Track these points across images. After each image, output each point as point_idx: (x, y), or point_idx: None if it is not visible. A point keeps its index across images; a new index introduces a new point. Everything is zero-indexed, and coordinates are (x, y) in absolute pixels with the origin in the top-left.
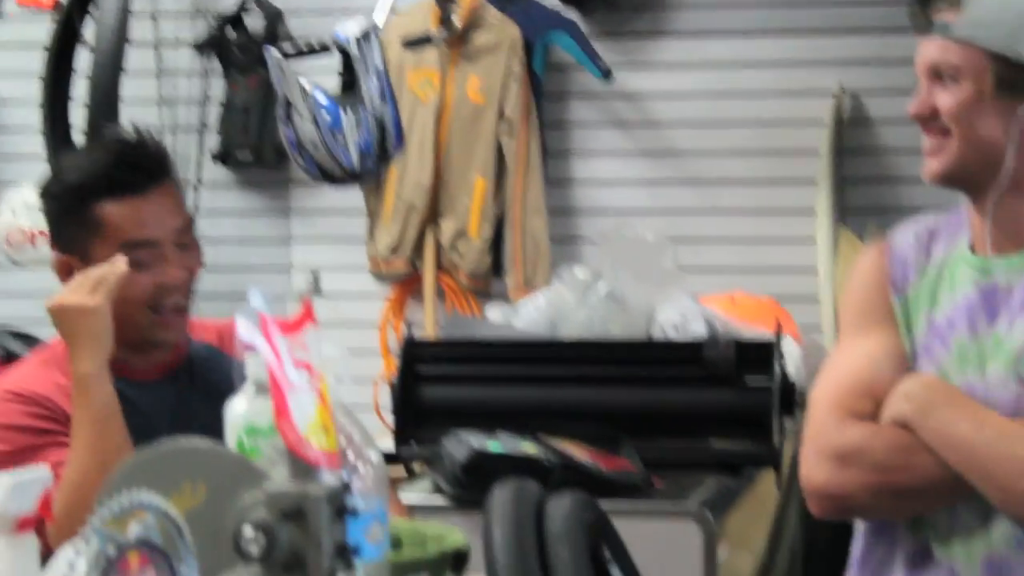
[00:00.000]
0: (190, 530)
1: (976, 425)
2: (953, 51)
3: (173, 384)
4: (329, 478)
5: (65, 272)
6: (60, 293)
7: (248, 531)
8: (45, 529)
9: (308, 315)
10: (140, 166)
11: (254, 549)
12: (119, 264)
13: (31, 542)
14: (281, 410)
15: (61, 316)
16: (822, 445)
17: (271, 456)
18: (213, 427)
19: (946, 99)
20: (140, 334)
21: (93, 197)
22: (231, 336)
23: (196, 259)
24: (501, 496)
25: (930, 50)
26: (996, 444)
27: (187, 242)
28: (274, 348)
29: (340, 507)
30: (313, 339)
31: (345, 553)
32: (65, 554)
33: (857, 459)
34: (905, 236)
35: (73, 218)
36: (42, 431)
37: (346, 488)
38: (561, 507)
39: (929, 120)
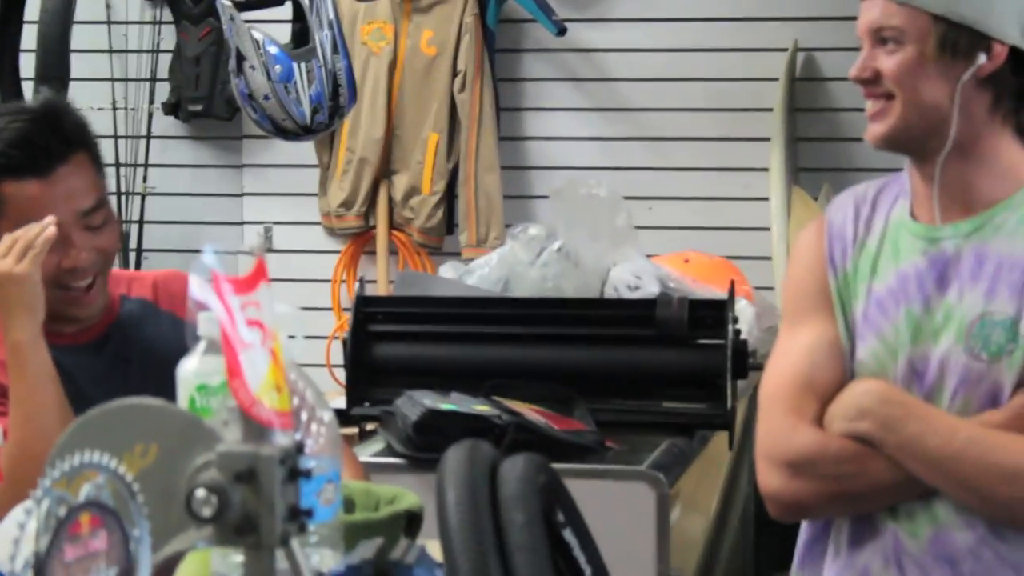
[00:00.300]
0: (141, 491)
1: (945, 437)
2: (895, 13)
3: (104, 346)
4: (282, 439)
5: None
6: None
7: (200, 493)
8: None
9: (261, 272)
10: (43, 146)
11: (206, 511)
12: (48, 227)
13: None
14: (233, 369)
15: None
16: (774, 453)
17: (223, 416)
18: (146, 386)
19: (889, 62)
20: (53, 308)
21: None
22: (166, 288)
23: (108, 238)
24: (454, 457)
25: (872, 12)
26: (970, 454)
27: (97, 223)
28: (227, 306)
29: (293, 469)
30: (266, 297)
31: (298, 515)
32: (15, 515)
33: (809, 469)
34: (843, 208)
35: None
36: None
37: (299, 449)
38: (514, 469)
39: (871, 83)
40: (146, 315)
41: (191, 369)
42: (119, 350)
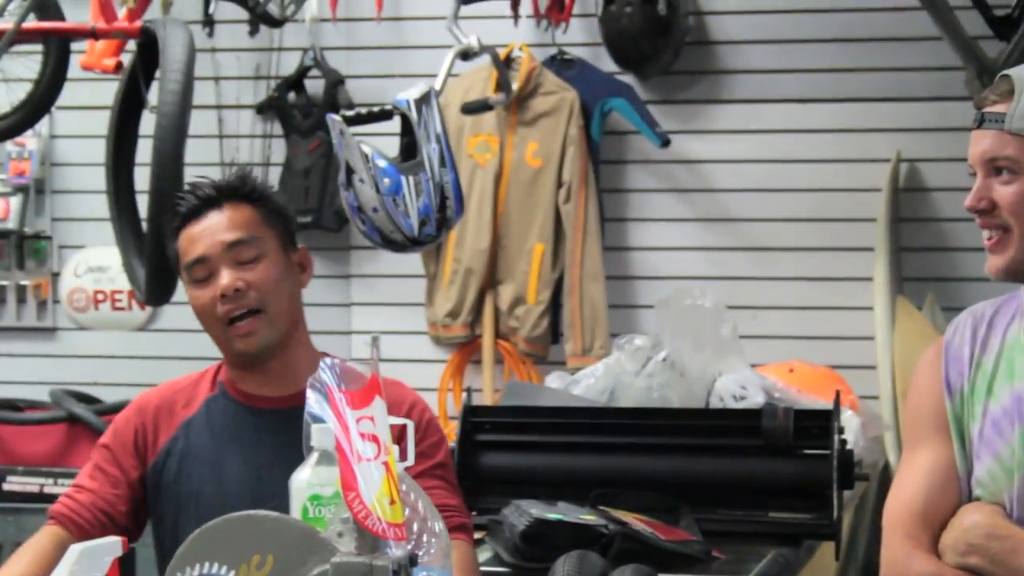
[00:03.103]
0: None
1: None
2: (1009, 143)
3: (284, 415)
4: (396, 550)
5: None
6: None
7: None
8: None
9: (375, 387)
10: (201, 196)
11: None
12: None
13: None
14: (348, 482)
15: None
16: None
17: (338, 527)
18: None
19: (1004, 192)
20: (226, 350)
21: (174, 232)
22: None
23: (259, 275)
24: (564, 567)
25: (984, 142)
26: None
27: (245, 258)
28: (342, 420)
29: None
30: (380, 411)
31: None
32: None
33: None
34: (961, 330)
35: (173, 255)
36: (104, 447)
37: (412, 560)
38: None
39: (987, 213)
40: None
41: (304, 479)
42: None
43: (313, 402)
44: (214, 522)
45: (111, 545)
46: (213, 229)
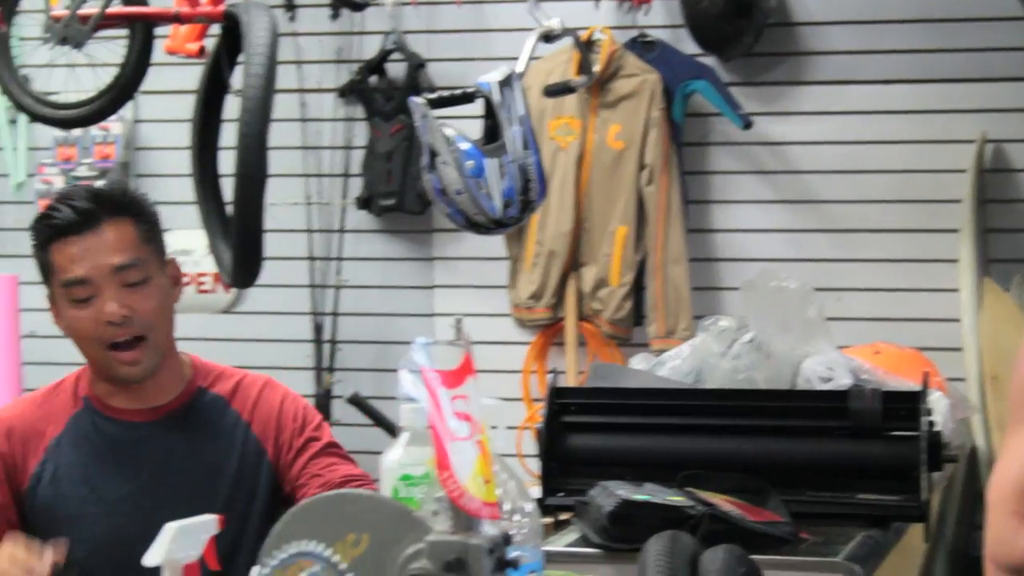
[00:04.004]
0: None
1: None
2: None
3: (160, 428)
4: (490, 529)
5: (53, 311)
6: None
7: None
8: None
9: (468, 366)
10: (83, 209)
11: None
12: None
13: None
14: (443, 461)
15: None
16: (998, 556)
17: (432, 506)
18: (190, 474)
19: None
20: (103, 370)
21: (44, 241)
22: (245, 390)
23: (145, 301)
24: (655, 548)
25: None
26: None
27: (133, 280)
28: (435, 400)
29: (501, 558)
30: (473, 390)
31: None
32: None
33: None
34: None
35: (38, 261)
36: None
37: (507, 539)
38: (715, 560)
39: None
40: (215, 409)
41: (395, 459)
42: (174, 434)
43: (407, 382)
44: (309, 500)
45: (208, 523)
46: (97, 249)
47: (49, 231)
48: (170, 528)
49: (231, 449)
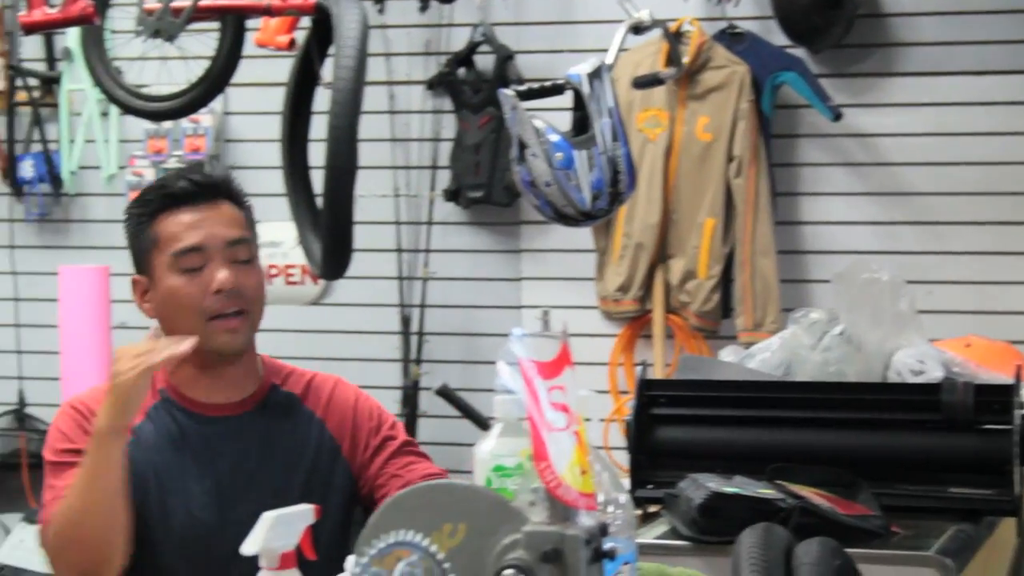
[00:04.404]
0: (451, 570)
1: None
2: None
3: (237, 422)
4: (586, 520)
5: (139, 293)
6: (126, 347)
7: (508, 572)
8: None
9: (566, 357)
10: (194, 181)
11: None
12: (182, 345)
13: None
14: (540, 451)
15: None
16: None
17: (529, 497)
18: (268, 470)
19: None
20: (201, 345)
21: (152, 211)
22: (317, 390)
23: (252, 280)
24: (750, 539)
25: None
26: None
27: (242, 258)
28: (533, 391)
29: (597, 549)
30: (570, 381)
31: None
32: None
33: None
34: None
35: (139, 235)
36: (79, 451)
37: (603, 530)
38: (810, 553)
39: None
40: (290, 407)
41: (488, 450)
42: (256, 433)
43: (505, 373)
44: (406, 491)
45: (304, 513)
46: (213, 220)
47: (163, 200)
48: (268, 517)
49: (306, 445)
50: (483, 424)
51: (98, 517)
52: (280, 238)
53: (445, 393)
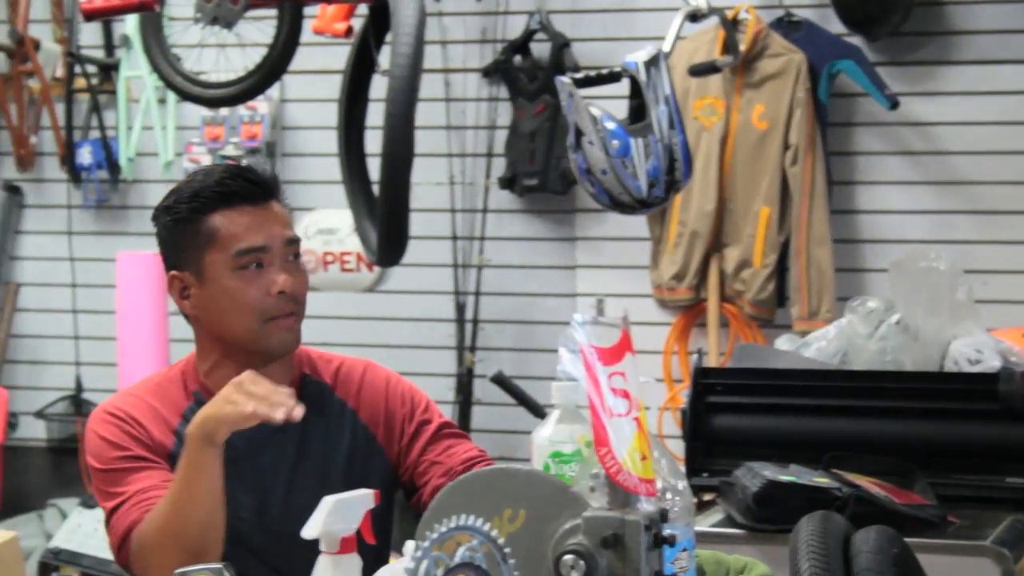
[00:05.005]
0: (512, 554)
1: None
2: None
3: (272, 427)
4: (646, 506)
5: (178, 290)
6: (254, 375)
7: (568, 558)
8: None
9: (627, 344)
10: (252, 180)
11: (574, 575)
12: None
13: (354, 561)
14: (600, 437)
15: (235, 383)
16: None
17: (589, 482)
18: (305, 466)
19: None
20: (252, 344)
21: (207, 208)
22: (346, 377)
23: (301, 282)
24: (808, 527)
25: None
26: None
27: (295, 256)
28: (594, 377)
29: (657, 535)
30: (631, 367)
31: None
32: (390, 571)
33: None
34: None
35: (187, 231)
36: (134, 456)
37: (663, 515)
38: (868, 541)
39: None
40: (321, 400)
41: (545, 436)
42: (293, 429)
43: (566, 360)
44: (467, 476)
45: (364, 497)
46: (273, 221)
47: (220, 198)
48: (328, 501)
49: (340, 436)
50: (537, 412)
51: (199, 525)
52: (336, 225)
53: (500, 381)
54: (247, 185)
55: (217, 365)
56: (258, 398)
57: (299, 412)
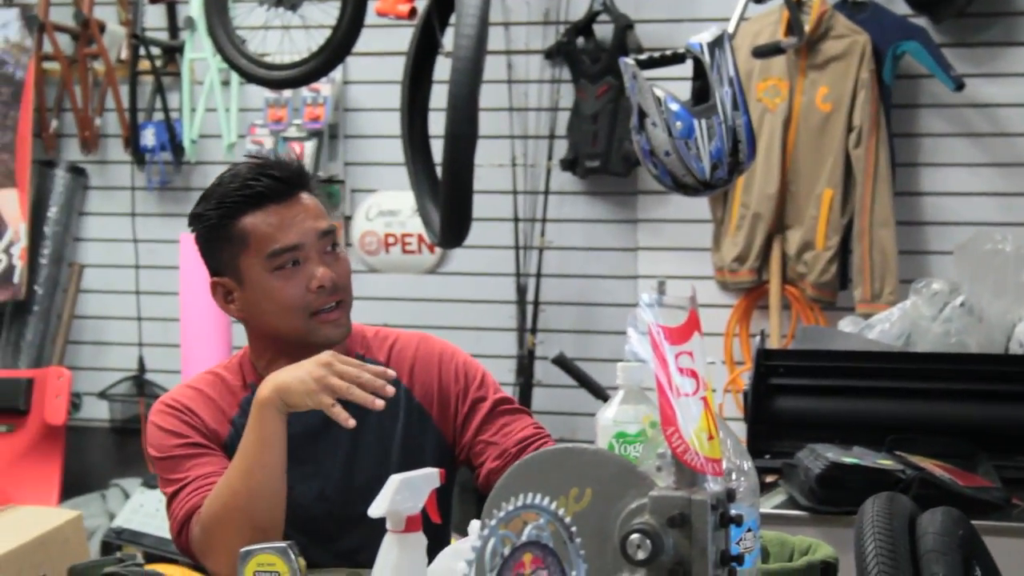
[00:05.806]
0: (578, 533)
1: None
2: None
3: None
4: (713, 485)
5: (221, 295)
6: (333, 356)
7: (634, 537)
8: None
9: (694, 323)
10: (276, 177)
11: (640, 554)
12: (378, 404)
13: (419, 539)
14: (668, 417)
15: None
16: None
17: (655, 462)
18: (363, 449)
19: None
20: (303, 340)
21: (235, 212)
22: (400, 352)
23: (342, 269)
24: (873, 508)
25: None
26: None
27: (331, 246)
28: (661, 356)
29: (724, 515)
30: (698, 347)
31: (728, 562)
32: (456, 550)
33: None
34: None
35: (219, 237)
36: (192, 443)
37: (730, 495)
38: (934, 523)
39: None
40: None
41: (610, 417)
42: (348, 407)
43: (634, 340)
44: (534, 455)
45: (430, 476)
46: (303, 215)
47: (247, 201)
48: (394, 480)
49: (396, 415)
50: (599, 393)
51: (268, 496)
52: (398, 207)
53: (561, 362)
54: (272, 183)
55: (272, 361)
56: (350, 378)
57: (391, 389)
